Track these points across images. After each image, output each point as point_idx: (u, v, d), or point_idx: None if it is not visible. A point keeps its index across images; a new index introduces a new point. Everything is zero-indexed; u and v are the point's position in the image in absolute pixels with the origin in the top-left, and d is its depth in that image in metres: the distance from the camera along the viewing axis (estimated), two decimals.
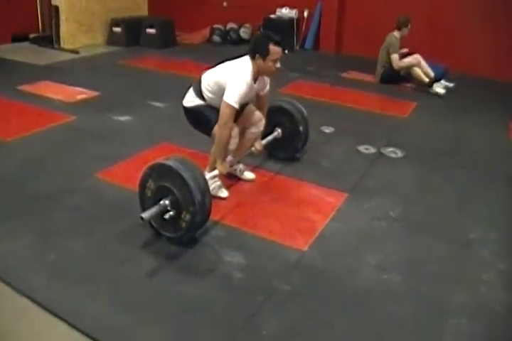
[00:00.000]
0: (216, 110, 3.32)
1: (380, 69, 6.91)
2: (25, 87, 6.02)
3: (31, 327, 2.41)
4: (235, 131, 3.42)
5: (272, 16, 8.67)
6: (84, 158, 4.19)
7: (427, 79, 6.56)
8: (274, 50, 3.25)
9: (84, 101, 5.66)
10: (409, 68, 6.61)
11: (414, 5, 7.60)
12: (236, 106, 3.24)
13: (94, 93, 5.92)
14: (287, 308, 2.55)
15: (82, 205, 3.46)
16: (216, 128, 3.30)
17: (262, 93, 3.64)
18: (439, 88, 6.47)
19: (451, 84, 6.58)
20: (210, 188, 3.51)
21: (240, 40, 8.99)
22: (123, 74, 7.04)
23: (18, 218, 3.28)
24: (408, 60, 6.60)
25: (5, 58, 7.53)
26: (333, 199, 3.65)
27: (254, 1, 8.91)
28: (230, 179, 3.86)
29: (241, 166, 3.87)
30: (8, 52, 7.81)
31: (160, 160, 2.93)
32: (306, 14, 8.71)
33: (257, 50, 3.27)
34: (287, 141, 4.08)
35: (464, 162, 4.46)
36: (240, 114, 3.57)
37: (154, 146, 4.41)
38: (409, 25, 6.63)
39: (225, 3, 9.37)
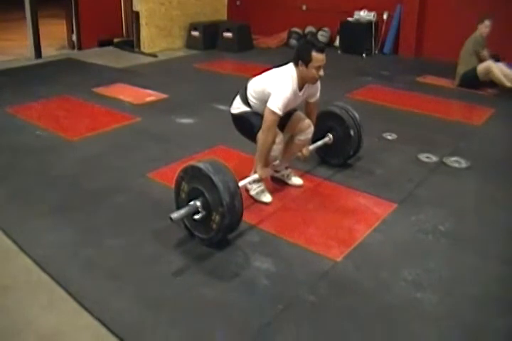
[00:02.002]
0: (261, 116, 3.29)
1: (460, 71, 6.53)
2: (100, 89, 6.32)
3: (59, 315, 2.49)
4: (280, 137, 3.37)
5: (350, 19, 8.50)
6: (140, 158, 4.30)
7: (508, 84, 6.13)
8: (317, 57, 3.17)
9: (151, 104, 5.83)
10: (488, 71, 6.21)
11: (499, 4, 7.14)
12: (279, 112, 3.20)
13: (163, 95, 6.10)
14: (306, 320, 2.44)
15: (127, 203, 3.55)
16: (259, 134, 3.27)
17: (311, 100, 3.57)
18: None
19: None
20: (254, 193, 3.55)
21: None
22: (195, 77, 7.20)
23: (66, 212, 3.42)
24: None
25: (87, 62, 7.96)
26: (379, 210, 3.47)
27: (333, 4, 8.80)
28: (277, 184, 3.80)
29: (288, 171, 3.80)
30: (92, 56, 8.25)
31: (192, 162, 2.94)
32: (385, 17, 8.45)
33: (299, 57, 3.22)
34: (339, 146, 3.95)
35: None
36: (287, 120, 3.52)
37: (210, 149, 4.45)
38: (487, 22, 6.24)
39: (304, 7, 9.31)
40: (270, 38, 9.41)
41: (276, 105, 3.18)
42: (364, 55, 8.43)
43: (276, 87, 3.22)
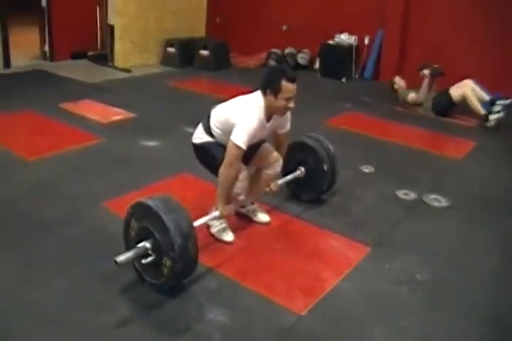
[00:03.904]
0: (224, 148, 3.00)
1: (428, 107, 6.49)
2: (67, 105, 5.98)
3: None
4: (243, 174, 3.10)
5: (330, 42, 8.32)
6: (98, 184, 3.98)
7: (483, 111, 5.98)
8: (287, 87, 2.89)
9: (118, 123, 5.51)
10: (465, 99, 6.09)
11: (482, 31, 7.07)
12: (244, 147, 2.91)
13: (131, 115, 5.78)
14: None
15: (78, 238, 3.22)
16: (221, 168, 2.98)
17: (280, 131, 3.30)
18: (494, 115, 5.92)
19: (508, 101, 5.90)
20: (215, 230, 3.25)
21: (297, 66, 8.60)
22: (168, 96, 6.91)
23: (9, 246, 3.09)
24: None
25: (58, 74, 7.61)
26: (352, 254, 3.20)
27: (315, 26, 8.60)
28: (241, 220, 3.51)
29: (254, 206, 3.51)
30: (64, 69, 7.89)
31: (142, 198, 2.64)
32: (366, 41, 8.29)
33: (268, 86, 2.94)
34: (311, 181, 3.68)
35: None
36: (254, 152, 3.24)
37: (173, 176, 4.17)
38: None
39: (284, 27, 9.11)
40: (249, 58, 9.18)
41: (240, 139, 2.89)
42: (344, 79, 8.25)
43: (241, 117, 2.94)
